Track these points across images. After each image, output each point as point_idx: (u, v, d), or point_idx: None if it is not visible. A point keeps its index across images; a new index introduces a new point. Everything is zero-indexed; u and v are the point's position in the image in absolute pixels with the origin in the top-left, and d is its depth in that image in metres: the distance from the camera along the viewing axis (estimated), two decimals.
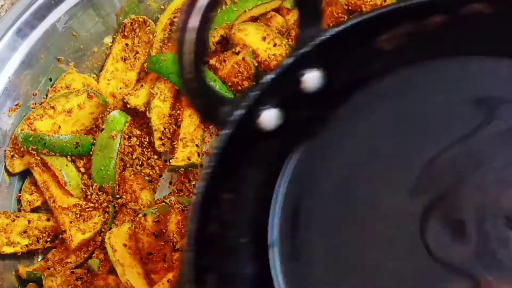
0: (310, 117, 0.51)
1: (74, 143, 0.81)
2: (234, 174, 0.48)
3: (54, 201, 0.79)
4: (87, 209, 0.79)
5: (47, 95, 0.85)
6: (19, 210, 0.82)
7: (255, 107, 0.48)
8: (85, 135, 0.83)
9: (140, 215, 0.75)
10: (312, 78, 0.49)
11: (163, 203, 0.80)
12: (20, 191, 0.82)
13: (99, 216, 0.78)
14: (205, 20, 0.43)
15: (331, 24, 0.83)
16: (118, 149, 0.80)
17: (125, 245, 0.75)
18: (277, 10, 0.86)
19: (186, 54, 0.43)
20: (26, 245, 0.77)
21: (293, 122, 0.50)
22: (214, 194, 0.46)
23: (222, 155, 0.46)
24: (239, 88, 0.83)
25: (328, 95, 0.50)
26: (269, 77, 0.48)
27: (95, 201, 0.79)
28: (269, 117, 0.48)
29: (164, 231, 0.75)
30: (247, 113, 0.47)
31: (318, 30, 0.50)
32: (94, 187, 0.80)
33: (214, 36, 0.83)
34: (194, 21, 0.42)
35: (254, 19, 0.85)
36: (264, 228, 0.49)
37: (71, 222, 0.77)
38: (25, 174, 0.83)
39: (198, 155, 0.82)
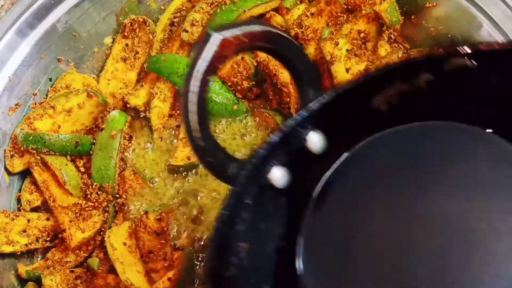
0: (315, 177, 0.54)
1: (74, 143, 0.80)
2: (247, 226, 0.50)
3: (54, 201, 0.79)
4: (87, 208, 0.78)
5: (47, 95, 0.85)
6: (19, 210, 0.81)
7: (262, 166, 0.51)
8: (85, 135, 0.83)
9: (142, 212, 0.75)
10: (314, 139, 0.52)
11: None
12: (20, 190, 0.82)
13: (98, 215, 0.78)
14: (204, 84, 0.48)
15: (330, 24, 0.83)
16: (118, 149, 0.80)
17: (125, 243, 0.75)
18: (277, 10, 0.87)
19: (192, 114, 0.47)
20: (26, 244, 0.77)
21: (301, 181, 0.52)
22: (229, 241, 0.49)
23: (232, 209, 0.49)
24: (239, 88, 0.83)
25: (329, 155, 0.54)
26: (275, 137, 0.51)
27: (94, 200, 0.79)
28: (278, 175, 0.51)
29: (166, 229, 0.75)
30: (255, 171, 0.50)
31: (317, 94, 0.54)
32: (94, 186, 0.79)
33: None
34: (195, 86, 0.47)
35: None
36: (286, 279, 0.51)
37: (70, 221, 0.77)
38: (25, 173, 0.82)
39: None
